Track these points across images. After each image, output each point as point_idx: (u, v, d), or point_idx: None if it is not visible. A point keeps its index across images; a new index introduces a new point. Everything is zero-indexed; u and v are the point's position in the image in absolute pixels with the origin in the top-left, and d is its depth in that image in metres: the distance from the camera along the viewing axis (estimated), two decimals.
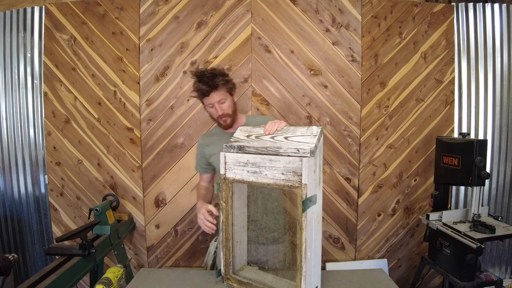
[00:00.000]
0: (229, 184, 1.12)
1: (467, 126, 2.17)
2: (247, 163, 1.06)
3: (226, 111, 1.36)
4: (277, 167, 0.98)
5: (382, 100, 2.12)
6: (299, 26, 2.06)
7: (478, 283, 1.59)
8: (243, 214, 1.21)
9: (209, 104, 1.35)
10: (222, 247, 1.16)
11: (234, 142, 1.14)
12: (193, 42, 2.06)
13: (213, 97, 1.32)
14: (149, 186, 2.12)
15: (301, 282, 0.96)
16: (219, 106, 1.34)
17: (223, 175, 1.12)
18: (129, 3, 2.05)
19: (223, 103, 1.35)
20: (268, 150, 1.02)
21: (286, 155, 0.97)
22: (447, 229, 1.64)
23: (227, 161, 1.11)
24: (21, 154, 2.17)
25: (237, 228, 1.18)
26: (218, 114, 1.35)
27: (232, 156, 1.09)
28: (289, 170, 0.95)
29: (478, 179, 1.62)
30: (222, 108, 1.34)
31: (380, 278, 1.28)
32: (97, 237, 1.78)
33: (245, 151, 1.09)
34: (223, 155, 1.11)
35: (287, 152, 0.97)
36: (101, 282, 1.10)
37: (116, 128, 2.11)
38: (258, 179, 1.03)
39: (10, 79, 2.15)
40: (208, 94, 1.31)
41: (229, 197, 1.13)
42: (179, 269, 1.64)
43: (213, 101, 1.33)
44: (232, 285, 1.15)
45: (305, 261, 0.96)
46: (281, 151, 0.99)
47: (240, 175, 1.08)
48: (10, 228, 2.22)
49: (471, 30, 2.13)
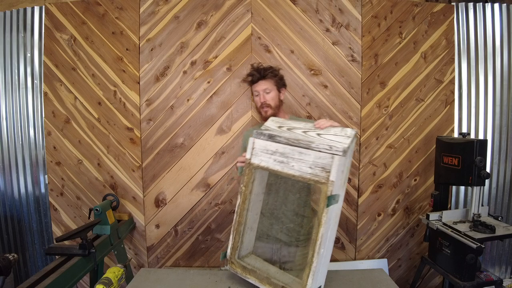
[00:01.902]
0: (252, 170, 1.12)
1: (467, 126, 2.17)
2: (275, 152, 1.07)
3: (268, 101, 1.47)
4: (306, 160, 0.99)
5: (382, 100, 2.12)
6: (299, 26, 2.06)
7: (478, 283, 1.59)
8: (260, 202, 1.22)
9: (255, 91, 1.50)
10: (233, 230, 1.17)
11: (265, 130, 1.14)
12: (193, 42, 2.06)
13: (260, 85, 1.48)
14: (149, 186, 2.12)
15: (308, 278, 0.96)
16: (263, 94, 1.47)
17: (248, 160, 1.13)
18: (129, 3, 2.05)
19: (268, 93, 1.47)
20: (299, 142, 1.01)
21: (318, 150, 0.97)
22: (447, 229, 1.64)
23: (255, 147, 1.12)
24: (21, 154, 2.17)
25: (251, 215, 1.19)
26: (261, 101, 1.47)
27: (261, 143, 1.11)
28: (318, 165, 0.96)
29: (478, 179, 1.62)
30: (265, 97, 1.47)
31: (380, 278, 1.28)
32: (97, 237, 1.78)
33: (275, 140, 1.08)
34: (252, 141, 1.13)
35: (319, 147, 0.97)
36: (101, 282, 1.10)
37: (116, 128, 2.11)
38: (284, 170, 1.04)
39: (10, 79, 2.15)
40: (257, 81, 1.47)
41: (250, 182, 1.14)
42: (179, 269, 1.63)
43: (259, 89, 1.48)
44: (235, 270, 1.15)
45: (317, 257, 0.95)
46: (312, 146, 0.98)
47: (266, 162, 1.09)
48: (10, 228, 2.22)
49: (471, 30, 2.13)
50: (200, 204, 2.13)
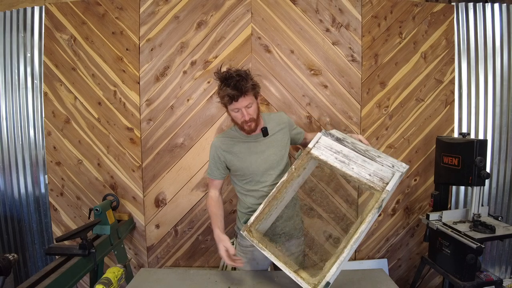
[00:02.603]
0: (310, 158, 1.27)
1: (467, 126, 2.17)
2: (339, 152, 1.23)
3: (252, 115, 1.30)
4: (367, 168, 1.16)
5: (382, 100, 2.12)
6: (299, 26, 2.06)
7: (478, 283, 1.59)
8: (293, 192, 1.31)
9: (235, 109, 1.29)
10: (266, 202, 1.24)
11: (334, 134, 1.30)
12: (193, 42, 2.06)
13: (241, 102, 1.26)
14: (149, 186, 2.12)
15: (333, 266, 1.00)
16: (246, 111, 1.28)
17: (309, 149, 1.28)
18: (129, 3, 2.05)
19: (250, 107, 1.29)
20: (365, 152, 1.19)
21: (381, 164, 1.15)
22: (447, 229, 1.64)
23: (320, 141, 1.28)
24: (21, 154, 2.17)
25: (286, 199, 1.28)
26: (245, 119, 1.29)
27: (327, 141, 1.27)
28: (377, 175, 1.14)
29: (478, 179, 1.62)
30: (249, 113, 1.29)
31: (380, 278, 1.28)
32: (97, 237, 1.78)
33: (342, 143, 1.24)
34: (319, 136, 1.29)
35: (383, 162, 1.15)
36: (101, 282, 1.10)
37: (116, 128, 2.11)
38: (343, 168, 1.19)
39: (10, 79, 2.15)
40: (237, 99, 1.24)
41: (302, 167, 1.26)
42: (179, 269, 1.63)
43: (241, 106, 1.27)
44: (251, 239, 1.22)
45: (349, 250, 1.01)
46: (377, 159, 1.16)
47: (326, 157, 1.24)
48: (10, 228, 2.22)
49: (471, 30, 2.13)
50: (200, 204, 2.13)
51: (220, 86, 1.28)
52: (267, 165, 1.39)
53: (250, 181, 1.41)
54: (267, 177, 1.39)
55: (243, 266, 1.44)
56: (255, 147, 1.40)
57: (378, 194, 1.08)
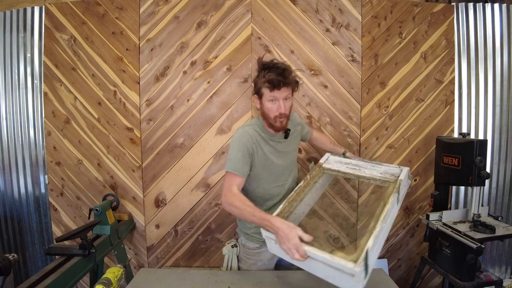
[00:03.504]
0: (322, 170, 1.45)
1: (467, 126, 2.17)
2: (348, 163, 1.46)
3: (287, 111, 1.27)
4: (377, 169, 1.38)
5: (382, 100, 2.12)
6: (299, 26, 2.06)
7: (478, 283, 1.59)
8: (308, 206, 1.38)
9: (272, 96, 1.24)
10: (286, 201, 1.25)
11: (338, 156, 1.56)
12: (193, 42, 2.06)
13: (282, 92, 1.23)
14: (149, 186, 2.12)
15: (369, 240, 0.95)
16: (283, 103, 1.25)
17: (321, 163, 1.47)
18: (129, 3, 2.05)
19: (287, 100, 1.27)
20: (372, 162, 1.43)
21: (387, 166, 1.38)
22: (447, 229, 1.64)
23: (329, 158, 1.52)
24: (21, 154, 2.17)
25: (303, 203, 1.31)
26: (280, 111, 1.25)
27: (335, 157, 1.53)
28: (387, 173, 1.35)
29: (478, 179, 1.62)
30: (286, 106, 1.25)
31: (380, 278, 1.28)
32: (97, 237, 1.78)
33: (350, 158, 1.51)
34: (327, 155, 1.54)
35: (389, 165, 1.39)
36: (101, 282, 1.10)
37: (116, 128, 2.11)
38: (355, 172, 1.39)
39: (10, 79, 2.15)
40: (279, 87, 1.21)
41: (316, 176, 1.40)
42: (179, 269, 1.63)
43: (280, 96, 1.24)
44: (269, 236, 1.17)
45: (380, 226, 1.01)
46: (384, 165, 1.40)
47: (338, 167, 1.45)
48: (10, 228, 2.22)
49: (471, 30, 2.13)
50: (200, 204, 2.13)
51: (261, 73, 1.26)
52: (285, 166, 1.40)
53: (263, 182, 1.38)
54: (281, 177, 1.40)
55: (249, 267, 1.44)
56: (278, 148, 1.38)
57: (394, 184, 1.23)
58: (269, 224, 1.05)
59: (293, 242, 0.97)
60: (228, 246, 1.52)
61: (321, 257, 0.94)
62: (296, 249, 0.96)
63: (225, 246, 1.53)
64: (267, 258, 1.45)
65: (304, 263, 0.99)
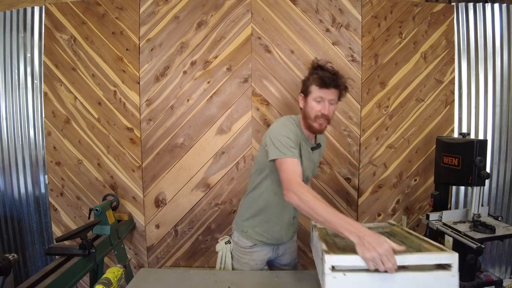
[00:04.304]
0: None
1: (467, 126, 2.17)
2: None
3: (330, 114, 1.28)
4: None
5: (382, 100, 2.12)
6: (299, 26, 2.06)
7: (478, 283, 1.59)
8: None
9: (320, 97, 1.24)
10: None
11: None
12: (193, 42, 2.06)
13: (330, 92, 1.24)
14: (149, 186, 2.12)
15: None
16: (328, 105, 1.25)
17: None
18: (129, 3, 2.05)
19: (332, 104, 1.27)
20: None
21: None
22: (447, 229, 1.64)
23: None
24: (21, 154, 2.17)
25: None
26: (323, 112, 1.25)
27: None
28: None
29: (478, 179, 1.61)
30: (330, 109, 1.26)
31: None
32: (97, 237, 1.78)
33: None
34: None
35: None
36: (101, 282, 1.10)
37: (116, 128, 2.11)
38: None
39: (10, 79, 2.15)
40: (329, 86, 1.22)
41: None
42: (179, 269, 1.64)
43: (327, 97, 1.24)
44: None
45: None
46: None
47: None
48: (10, 228, 2.22)
49: (471, 30, 2.13)
50: (200, 204, 2.13)
51: (313, 71, 1.28)
52: (306, 176, 1.38)
53: None
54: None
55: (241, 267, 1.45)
56: (309, 152, 1.38)
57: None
58: (350, 227, 0.89)
59: (384, 248, 0.82)
60: (222, 243, 1.50)
61: (416, 257, 0.83)
62: (388, 257, 0.82)
63: (218, 243, 1.51)
64: (260, 258, 1.46)
65: (385, 278, 0.84)
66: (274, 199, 1.37)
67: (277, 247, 1.50)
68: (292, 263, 1.59)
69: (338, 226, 0.92)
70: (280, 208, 1.39)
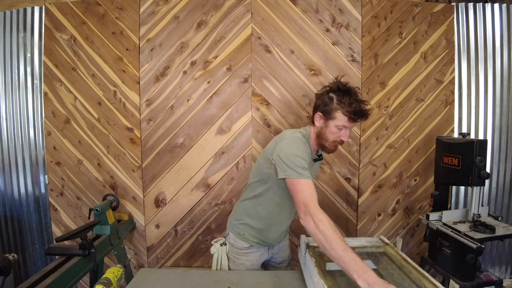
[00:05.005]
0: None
1: (467, 126, 2.17)
2: None
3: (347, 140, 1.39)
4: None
5: (382, 100, 2.12)
6: (299, 26, 2.06)
7: (478, 283, 1.59)
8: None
9: (342, 125, 1.26)
10: None
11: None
12: (193, 42, 2.06)
13: (355, 124, 1.29)
14: (149, 186, 2.12)
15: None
16: (347, 133, 1.28)
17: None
18: (129, 3, 2.05)
19: (350, 131, 1.34)
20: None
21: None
22: (447, 229, 1.64)
23: None
24: (21, 154, 2.17)
25: None
26: (343, 139, 1.28)
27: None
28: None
29: (478, 179, 1.61)
30: (348, 135, 1.30)
31: None
32: (97, 237, 1.78)
33: None
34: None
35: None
36: (101, 282, 1.10)
37: (116, 128, 2.11)
38: None
39: (10, 79, 2.15)
40: (359, 119, 1.26)
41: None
42: (179, 269, 1.63)
43: (351, 127, 1.29)
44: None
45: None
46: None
47: None
48: (10, 228, 2.22)
49: (471, 30, 2.13)
50: (200, 204, 2.13)
51: (339, 96, 1.26)
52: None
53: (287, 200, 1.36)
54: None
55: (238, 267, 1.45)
56: (311, 164, 1.38)
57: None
58: (362, 273, 0.88)
59: None
60: (217, 245, 1.47)
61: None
62: None
63: (213, 245, 1.49)
64: (256, 258, 1.47)
65: None
66: (276, 210, 1.39)
67: (272, 247, 1.54)
68: (286, 260, 1.63)
69: (350, 268, 0.91)
70: (280, 218, 1.44)
